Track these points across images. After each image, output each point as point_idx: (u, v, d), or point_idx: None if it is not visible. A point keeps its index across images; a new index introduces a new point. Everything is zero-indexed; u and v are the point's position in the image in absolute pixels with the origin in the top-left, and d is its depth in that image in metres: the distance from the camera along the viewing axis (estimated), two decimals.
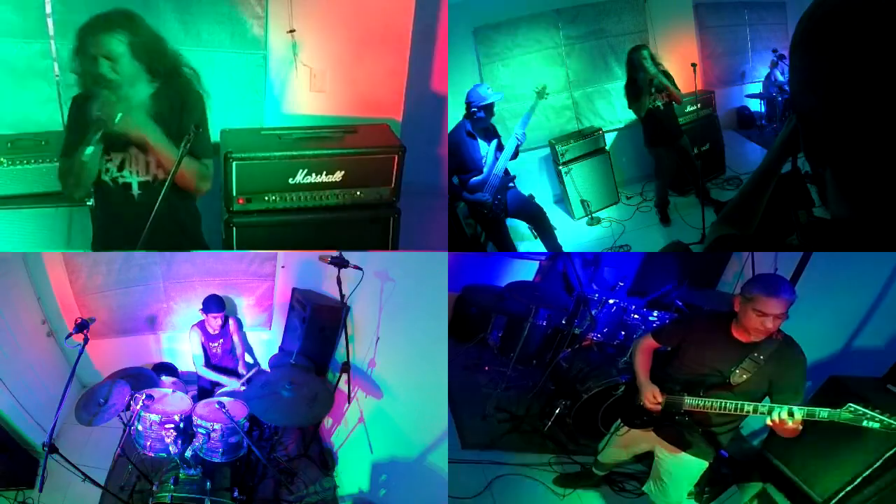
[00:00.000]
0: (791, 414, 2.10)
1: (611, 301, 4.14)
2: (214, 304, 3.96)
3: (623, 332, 4.18)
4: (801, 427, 2.12)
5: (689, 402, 2.41)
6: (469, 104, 3.75)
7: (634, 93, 4.39)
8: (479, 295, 4.88)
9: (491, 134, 3.90)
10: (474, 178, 3.83)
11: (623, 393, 3.00)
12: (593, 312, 4.07)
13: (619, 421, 2.88)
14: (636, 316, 4.12)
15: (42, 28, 3.37)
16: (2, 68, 3.38)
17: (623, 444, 2.93)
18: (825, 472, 2.75)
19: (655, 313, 4.08)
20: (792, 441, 2.25)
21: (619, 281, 4.43)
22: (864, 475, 2.57)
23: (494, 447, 3.67)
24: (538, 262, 5.05)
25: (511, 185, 3.98)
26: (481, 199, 3.83)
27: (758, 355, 2.29)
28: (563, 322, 4.34)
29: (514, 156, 3.87)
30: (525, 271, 5.07)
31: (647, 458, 2.88)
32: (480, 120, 3.77)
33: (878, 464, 2.53)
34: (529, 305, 4.07)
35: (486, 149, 3.85)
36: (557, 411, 3.78)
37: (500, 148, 3.88)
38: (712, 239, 1.36)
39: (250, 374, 3.93)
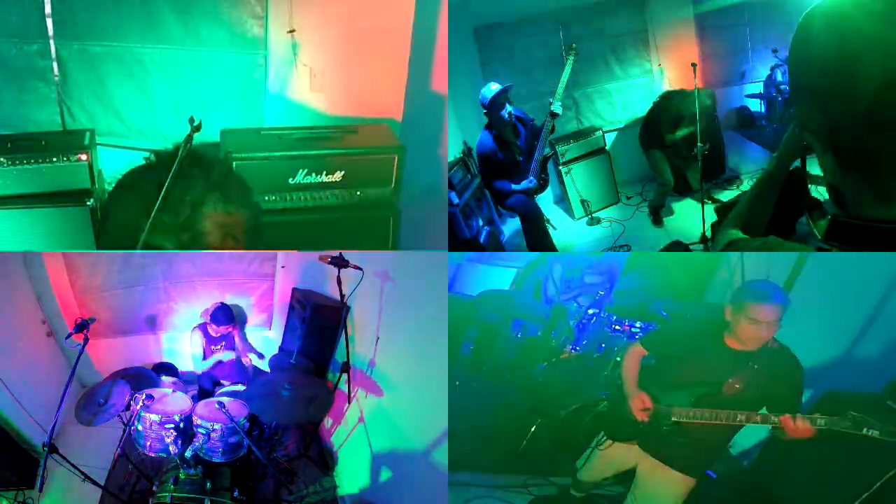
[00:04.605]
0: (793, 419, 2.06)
1: (590, 311, 3.95)
2: (223, 317, 3.95)
3: (603, 345, 3.96)
4: (811, 429, 2.06)
5: (679, 412, 2.31)
6: (482, 107, 3.82)
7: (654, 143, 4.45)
8: (449, 304, 4.65)
9: (519, 126, 3.96)
10: (517, 183, 3.95)
11: (608, 403, 2.86)
12: (571, 323, 3.87)
13: (601, 434, 2.75)
14: (617, 327, 3.89)
15: (42, 28, 3.38)
16: (1, 68, 3.38)
17: (605, 459, 2.76)
18: (821, 495, 2.61)
19: (638, 324, 3.89)
20: (785, 463, 2.17)
21: (599, 290, 4.21)
22: (863, 497, 2.42)
23: (465, 468, 3.43)
24: (516, 270, 4.87)
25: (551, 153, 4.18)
26: (529, 188, 3.94)
27: (752, 364, 2.22)
28: (539, 333, 4.14)
29: (552, 130, 3.96)
30: (500, 280, 4.87)
31: (629, 478, 2.69)
32: (499, 118, 3.81)
33: (877, 485, 2.40)
34: (503, 316, 3.86)
35: (517, 148, 3.92)
36: (533, 429, 3.56)
37: (534, 134, 3.94)
38: (724, 243, 1.35)
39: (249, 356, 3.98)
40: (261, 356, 4.30)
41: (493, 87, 3.82)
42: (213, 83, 3.68)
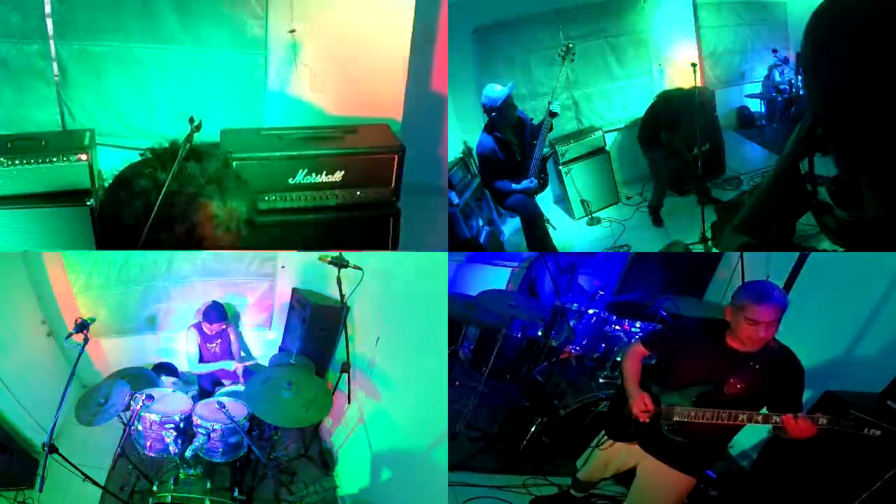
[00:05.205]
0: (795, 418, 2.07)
1: (590, 311, 3.93)
2: (215, 314, 3.95)
3: (603, 345, 3.96)
4: (813, 428, 2.05)
5: (681, 411, 2.31)
6: (486, 109, 3.75)
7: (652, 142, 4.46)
8: (449, 304, 4.63)
9: (520, 125, 3.92)
10: (517, 183, 3.91)
11: (609, 403, 2.85)
12: (571, 323, 3.86)
13: (601, 433, 2.75)
14: (617, 327, 3.89)
15: (42, 28, 3.38)
16: (1, 68, 3.39)
17: (605, 459, 2.75)
18: (821, 495, 2.61)
19: (638, 324, 3.88)
20: (785, 463, 2.16)
21: (599, 289, 4.17)
22: (863, 497, 2.42)
23: (465, 468, 3.44)
24: (510, 269, 4.83)
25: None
26: (529, 187, 3.90)
27: (753, 364, 2.22)
28: (540, 334, 4.13)
29: (550, 129, 3.92)
30: (500, 280, 4.86)
31: (628, 479, 2.68)
32: (503, 118, 3.76)
33: (877, 486, 2.39)
34: (503, 316, 3.82)
35: (517, 147, 3.89)
36: (533, 430, 3.56)
37: (533, 134, 3.91)
38: (734, 247, 1.35)
39: (247, 363, 3.99)
40: (251, 359, 4.30)
41: (499, 89, 3.75)
42: (213, 83, 3.68)
